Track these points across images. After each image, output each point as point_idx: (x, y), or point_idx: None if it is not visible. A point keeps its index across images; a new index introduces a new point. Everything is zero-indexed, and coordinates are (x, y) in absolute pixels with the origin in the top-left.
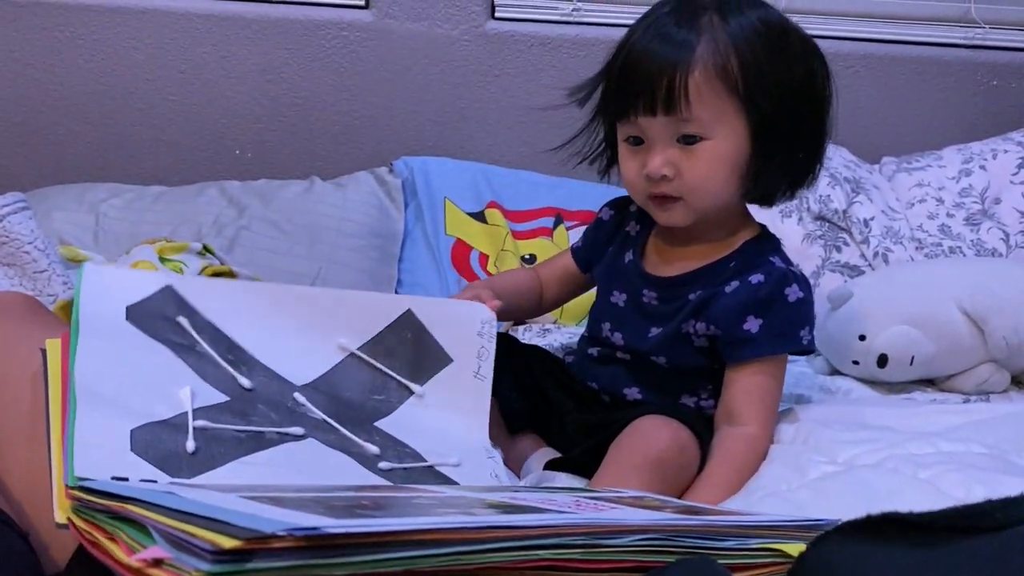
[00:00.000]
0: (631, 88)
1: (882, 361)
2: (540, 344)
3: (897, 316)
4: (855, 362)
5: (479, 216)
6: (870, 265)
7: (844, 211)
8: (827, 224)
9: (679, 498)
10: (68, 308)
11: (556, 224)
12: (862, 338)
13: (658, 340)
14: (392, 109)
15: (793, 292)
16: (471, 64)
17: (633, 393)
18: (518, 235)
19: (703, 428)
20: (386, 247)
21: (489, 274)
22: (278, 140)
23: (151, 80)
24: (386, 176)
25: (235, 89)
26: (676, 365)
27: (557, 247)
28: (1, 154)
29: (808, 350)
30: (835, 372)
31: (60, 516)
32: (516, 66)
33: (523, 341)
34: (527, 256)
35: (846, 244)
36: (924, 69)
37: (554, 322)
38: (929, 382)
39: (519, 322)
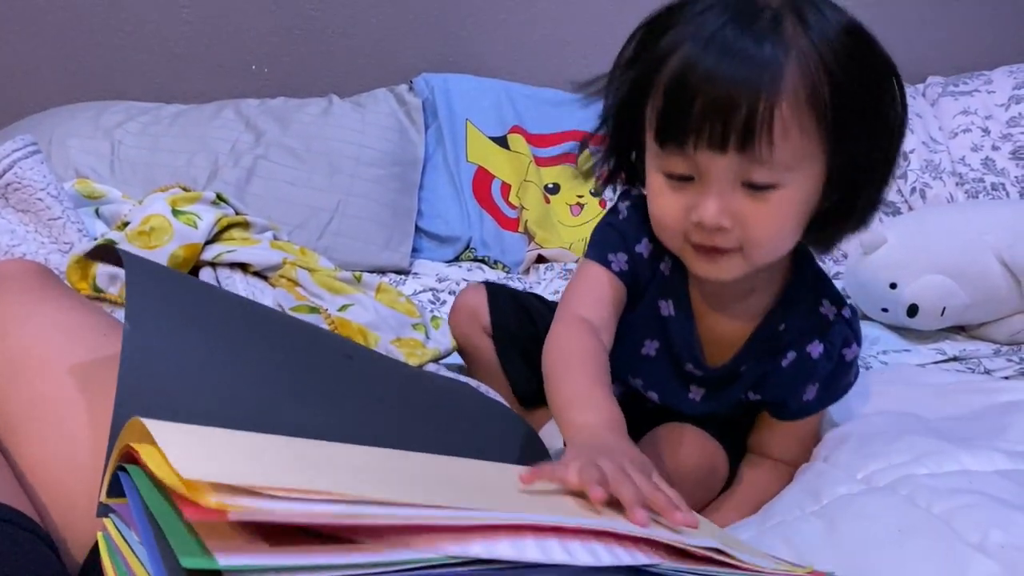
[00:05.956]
0: (692, 113)
1: (912, 311)
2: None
3: (931, 265)
4: (884, 309)
5: (502, 141)
6: (906, 201)
7: None
8: None
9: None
10: (83, 262)
11: (581, 149)
12: (893, 286)
13: (704, 407)
14: (412, 20)
15: (851, 351)
16: None
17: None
18: (541, 161)
19: (734, 440)
20: (406, 175)
21: (511, 205)
22: (295, 54)
23: None
24: (406, 95)
25: (249, 2)
26: (719, 417)
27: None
28: (20, 71)
29: None
30: (864, 317)
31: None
32: None
33: (549, 293)
34: (550, 185)
35: None
36: None
37: (576, 261)
38: (960, 328)
39: (541, 260)
